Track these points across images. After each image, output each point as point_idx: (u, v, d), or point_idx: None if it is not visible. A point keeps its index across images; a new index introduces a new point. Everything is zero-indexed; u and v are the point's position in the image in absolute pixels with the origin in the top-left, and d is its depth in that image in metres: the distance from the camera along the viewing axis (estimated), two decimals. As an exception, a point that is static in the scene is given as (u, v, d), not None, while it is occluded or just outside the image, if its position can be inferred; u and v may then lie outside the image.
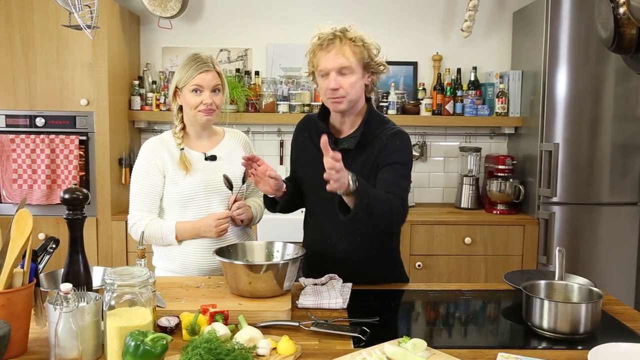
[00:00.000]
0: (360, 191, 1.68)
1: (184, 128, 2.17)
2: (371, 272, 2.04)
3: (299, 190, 2.11)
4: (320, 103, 3.71)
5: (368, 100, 2.01)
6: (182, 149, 2.14)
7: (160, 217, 2.15)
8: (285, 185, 2.01)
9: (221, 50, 3.87)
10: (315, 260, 2.03)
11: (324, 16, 3.84)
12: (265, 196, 2.11)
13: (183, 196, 2.10)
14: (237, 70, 3.80)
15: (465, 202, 3.80)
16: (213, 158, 2.16)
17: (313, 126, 2.07)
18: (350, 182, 1.66)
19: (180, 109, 2.15)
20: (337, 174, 1.61)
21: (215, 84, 2.08)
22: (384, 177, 1.87)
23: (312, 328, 1.58)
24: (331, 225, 1.97)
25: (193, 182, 2.10)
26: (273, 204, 2.10)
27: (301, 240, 2.16)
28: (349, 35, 1.85)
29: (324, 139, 1.63)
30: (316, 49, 1.87)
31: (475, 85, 3.81)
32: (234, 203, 2.11)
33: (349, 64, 1.84)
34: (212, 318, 1.55)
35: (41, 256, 1.59)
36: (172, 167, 2.11)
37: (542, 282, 1.76)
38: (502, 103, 3.74)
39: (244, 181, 2.13)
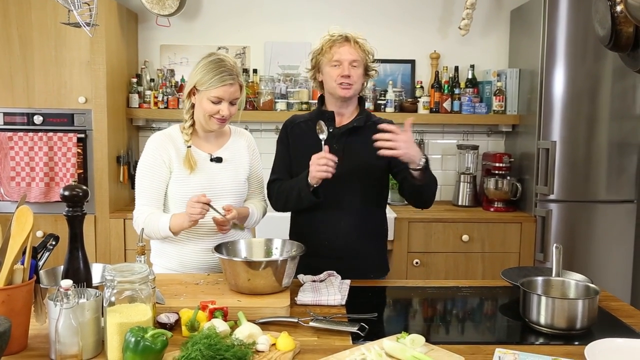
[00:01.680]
0: (427, 166, 2.01)
1: (193, 124, 2.13)
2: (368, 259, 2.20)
3: None
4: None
5: (361, 99, 2.27)
6: (189, 146, 2.11)
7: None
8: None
9: (219, 48, 3.86)
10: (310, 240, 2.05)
11: (322, 15, 3.88)
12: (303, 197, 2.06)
13: (187, 196, 2.06)
14: (235, 68, 3.79)
15: (462, 199, 3.81)
16: (219, 160, 2.14)
17: (309, 119, 2.23)
18: (422, 160, 1.98)
19: (193, 105, 2.10)
20: (404, 142, 1.93)
21: (236, 96, 2.06)
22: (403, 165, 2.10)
23: (311, 324, 1.59)
24: (333, 203, 2.13)
25: (197, 182, 2.08)
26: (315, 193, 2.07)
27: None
28: (357, 40, 2.14)
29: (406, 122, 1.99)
30: (331, 44, 2.12)
31: (472, 83, 3.82)
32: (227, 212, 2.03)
33: (360, 59, 2.12)
34: (212, 314, 1.56)
35: (41, 253, 1.60)
36: (178, 163, 2.09)
37: (539, 279, 1.78)
38: (499, 101, 3.75)
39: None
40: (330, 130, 2.14)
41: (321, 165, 1.96)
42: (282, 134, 2.28)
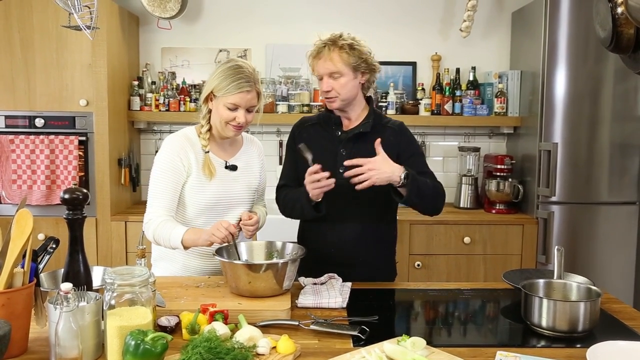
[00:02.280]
0: (410, 182, 1.94)
1: (210, 129, 2.09)
2: (371, 264, 2.14)
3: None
4: (319, 103, 3.74)
5: (369, 99, 2.19)
6: (208, 151, 2.07)
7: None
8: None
9: (220, 51, 3.87)
10: (316, 244, 2.06)
11: (323, 17, 3.88)
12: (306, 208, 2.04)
13: (202, 203, 2.06)
14: (236, 70, 3.79)
15: (464, 201, 3.80)
16: (234, 168, 2.11)
17: (316, 122, 2.21)
18: (402, 177, 1.92)
19: (210, 111, 2.07)
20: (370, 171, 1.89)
21: (253, 104, 2.02)
22: (416, 167, 2.07)
23: (311, 327, 1.58)
24: (339, 210, 2.08)
25: (214, 190, 2.06)
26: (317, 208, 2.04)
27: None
28: (339, 43, 2.03)
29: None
30: (312, 58, 2.08)
31: (474, 85, 3.82)
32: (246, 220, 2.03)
33: (337, 69, 2.03)
34: (212, 317, 1.56)
35: (41, 256, 1.59)
36: (197, 168, 2.05)
37: (541, 281, 1.77)
38: (500, 103, 3.74)
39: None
40: (338, 134, 2.13)
41: (314, 183, 1.93)
42: (290, 138, 2.24)
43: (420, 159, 2.15)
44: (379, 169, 1.90)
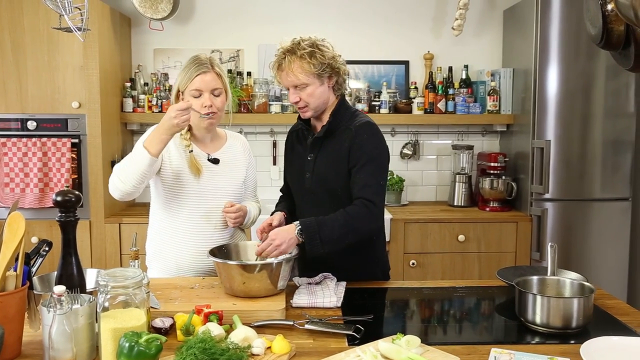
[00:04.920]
0: (307, 236, 1.86)
1: (190, 129, 2.13)
2: (349, 265, 2.05)
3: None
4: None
5: (341, 96, 2.09)
6: (191, 151, 2.10)
7: (153, 208, 2.17)
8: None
9: (213, 51, 3.86)
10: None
11: (315, 16, 3.88)
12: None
13: (184, 195, 2.08)
14: (229, 71, 3.79)
15: (458, 199, 3.81)
16: (216, 161, 2.14)
17: (297, 131, 2.19)
18: (298, 237, 1.86)
19: None
20: (273, 250, 1.85)
21: (215, 85, 2.05)
22: (355, 179, 1.98)
23: (306, 327, 1.58)
24: (302, 214, 2.07)
25: (197, 182, 2.09)
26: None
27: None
28: (298, 52, 1.93)
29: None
30: (274, 69, 2.01)
31: (466, 83, 3.83)
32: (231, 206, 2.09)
33: (300, 82, 1.95)
34: (207, 318, 1.56)
35: (34, 259, 1.59)
36: (177, 156, 2.07)
37: (535, 278, 1.78)
38: (493, 101, 3.75)
39: None
40: (308, 139, 2.09)
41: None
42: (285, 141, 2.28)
43: (365, 168, 1.95)
44: (281, 240, 1.85)
